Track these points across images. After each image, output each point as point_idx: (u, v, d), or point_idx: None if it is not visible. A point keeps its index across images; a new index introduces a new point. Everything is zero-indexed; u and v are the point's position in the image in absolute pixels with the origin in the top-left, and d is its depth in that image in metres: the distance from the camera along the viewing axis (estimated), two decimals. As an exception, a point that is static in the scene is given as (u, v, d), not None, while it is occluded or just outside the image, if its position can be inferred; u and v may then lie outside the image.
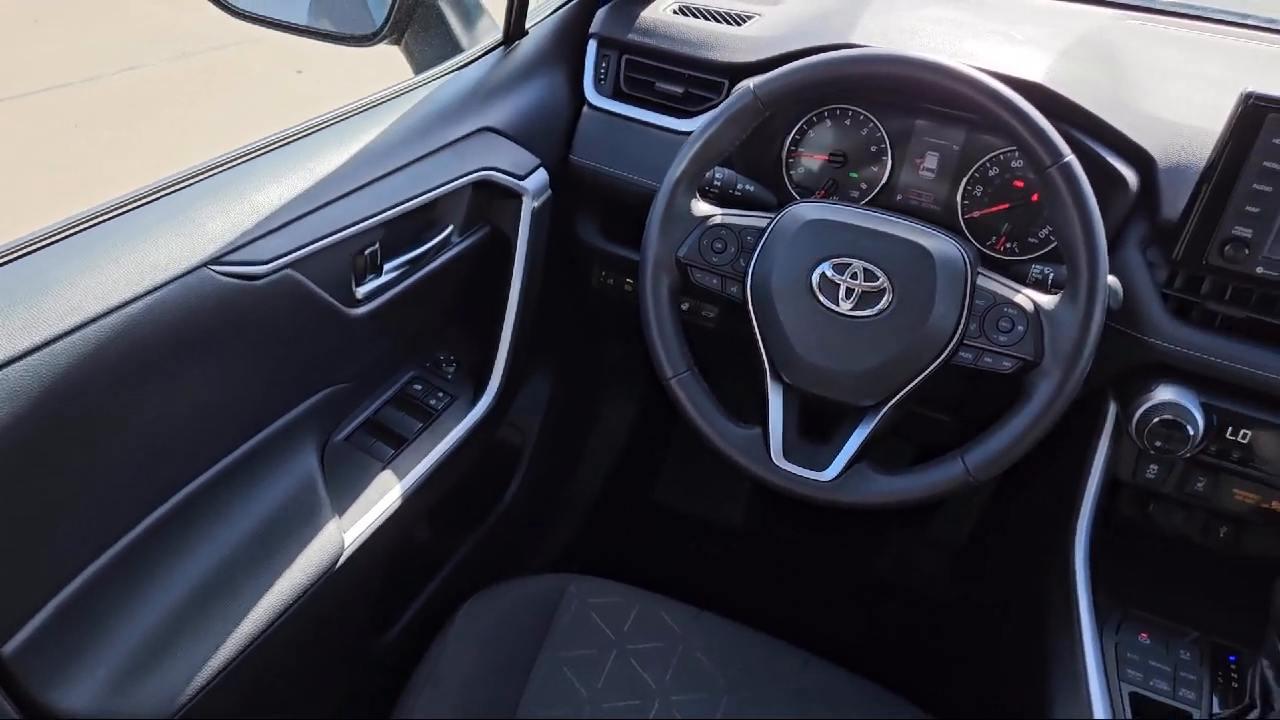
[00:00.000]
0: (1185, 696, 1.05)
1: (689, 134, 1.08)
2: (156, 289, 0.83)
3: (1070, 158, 0.95)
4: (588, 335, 1.70)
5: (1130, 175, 1.09)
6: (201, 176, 0.93)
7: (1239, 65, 1.29)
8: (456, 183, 1.14)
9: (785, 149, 1.27)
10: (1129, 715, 1.03)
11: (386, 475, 1.16)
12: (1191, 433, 1.04)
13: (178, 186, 0.91)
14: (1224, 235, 1.03)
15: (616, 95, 1.34)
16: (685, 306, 1.33)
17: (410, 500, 1.17)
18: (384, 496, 1.14)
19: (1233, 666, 1.08)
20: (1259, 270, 1.03)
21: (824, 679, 1.16)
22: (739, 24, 1.33)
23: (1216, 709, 1.04)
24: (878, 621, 1.82)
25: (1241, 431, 1.07)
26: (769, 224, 1.07)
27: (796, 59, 1.05)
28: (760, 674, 1.15)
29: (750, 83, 1.05)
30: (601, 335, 1.71)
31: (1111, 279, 1.01)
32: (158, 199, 0.89)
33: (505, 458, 1.61)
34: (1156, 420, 1.05)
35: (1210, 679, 1.07)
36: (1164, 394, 1.06)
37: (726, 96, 1.26)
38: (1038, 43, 1.22)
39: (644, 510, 2.00)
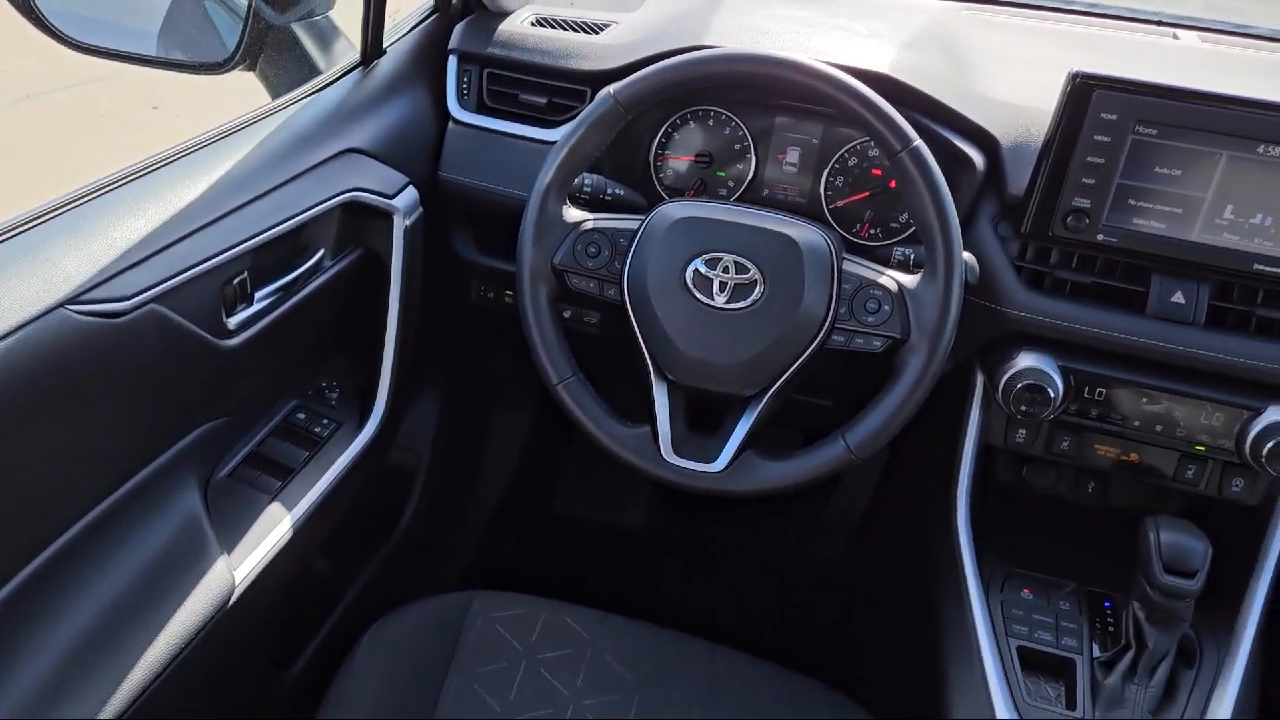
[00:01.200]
0: (1068, 645, 1.11)
1: (555, 143, 1.09)
2: (9, 334, 0.80)
3: (918, 143, 1.00)
4: (473, 350, 1.69)
5: (977, 156, 1.15)
6: (55, 213, 0.90)
7: (1066, 47, 1.38)
8: (323, 206, 1.12)
9: (653, 152, 1.30)
10: (1018, 668, 1.08)
11: (275, 508, 1.14)
12: (1053, 395, 1.10)
13: (28, 225, 0.88)
14: (1065, 207, 1.09)
15: (481, 109, 1.35)
16: (567, 314, 1.35)
17: (302, 531, 1.15)
18: (274, 530, 1.11)
19: (1108, 612, 1.15)
20: (1099, 237, 1.10)
21: (733, 666, 1.18)
22: (597, 32, 1.35)
23: (1097, 653, 1.10)
24: (783, 607, 1.86)
25: (1097, 390, 1.13)
26: (640, 225, 1.09)
27: (654, 63, 1.07)
28: (670, 669, 1.16)
29: (610, 88, 1.07)
30: (486, 349, 1.70)
31: (967, 255, 1.06)
32: (6, 239, 0.85)
33: (399, 480, 1.59)
34: (1020, 386, 1.11)
35: (1089, 625, 1.13)
36: (1025, 361, 1.12)
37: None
38: (881, 36, 1.27)
39: (545, 520, 2.00)
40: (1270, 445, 1.06)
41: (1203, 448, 1.12)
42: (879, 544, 1.74)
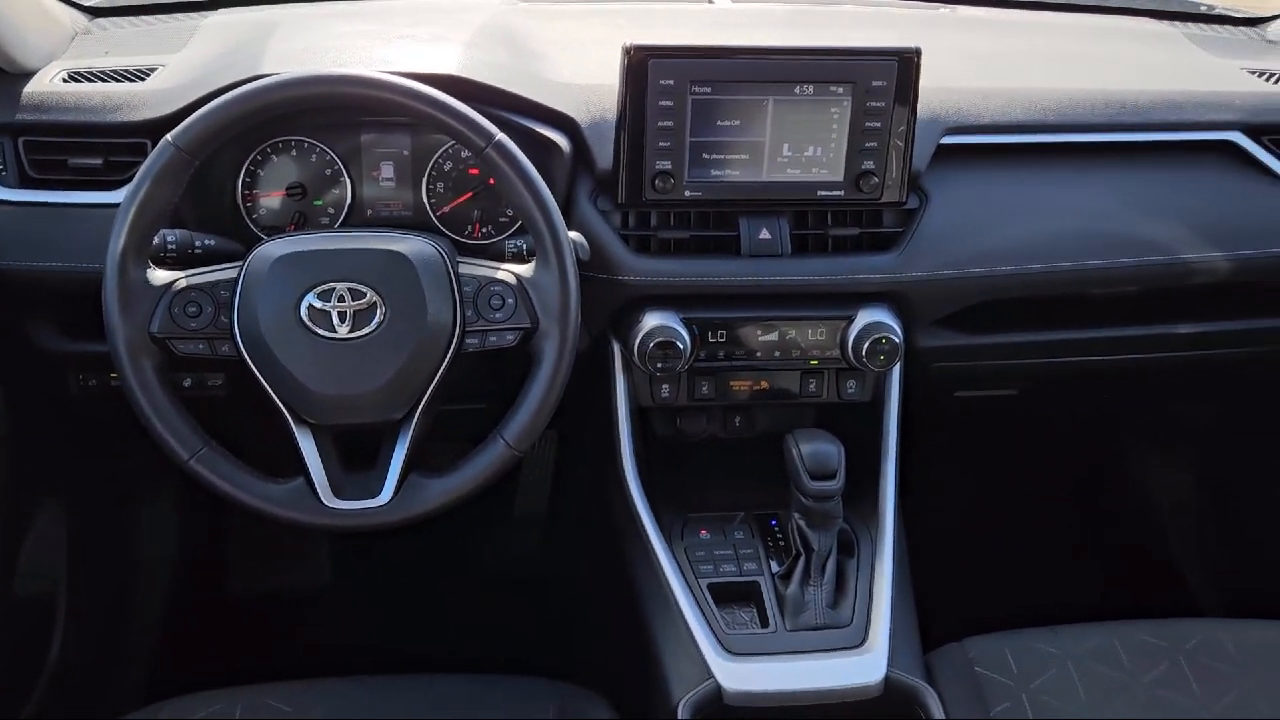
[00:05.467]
0: (750, 569, 1.19)
1: (120, 205, 1.00)
2: None
3: (500, 136, 1.02)
4: (90, 448, 1.52)
5: (560, 139, 1.19)
6: None
7: (619, 25, 1.46)
8: None
9: (239, 193, 1.22)
10: (713, 604, 1.15)
11: None
12: (682, 347, 1.18)
13: None
14: (651, 171, 1.16)
15: (25, 183, 1.19)
16: (188, 383, 1.24)
17: None
18: None
19: (776, 529, 1.25)
20: (687, 194, 1.18)
21: (454, 690, 1.15)
22: (142, 79, 1.24)
23: (776, 569, 1.19)
24: (494, 613, 1.85)
25: (719, 332, 1.22)
26: (240, 272, 1.03)
27: (211, 100, 1.01)
28: (390, 715, 1.12)
29: (169, 136, 0.99)
30: (107, 442, 1.53)
31: (574, 235, 1.10)
32: None
33: (35, 614, 1.40)
34: (652, 345, 1.17)
35: (763, 546, 1.22)
36: (651, 321, 1.19)
37: None
38: (444, 38, 1.28)
39: (224, 602, 1.84)
40: (867, 344, 1.19)
41: (816, 361, 1.25)
42: (569, 528, 1.78)
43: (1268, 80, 1.39)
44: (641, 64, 1.12)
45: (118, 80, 1.24)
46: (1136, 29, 1.61)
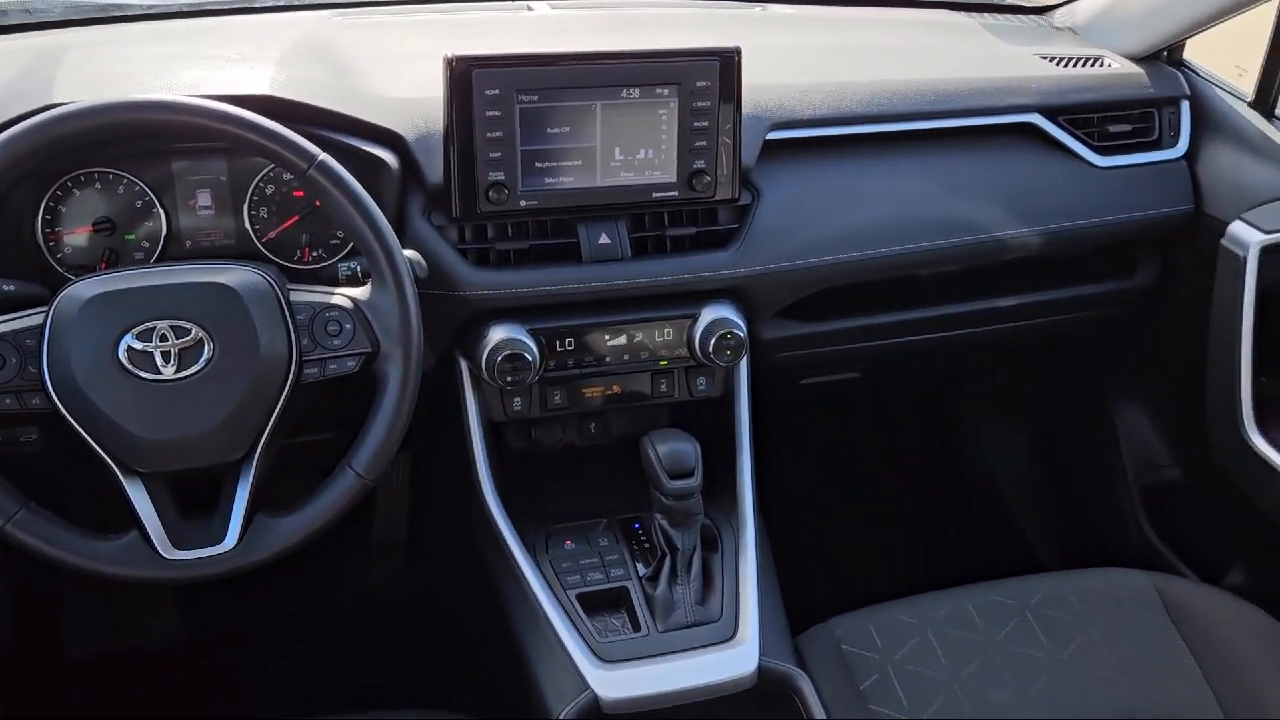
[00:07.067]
0: (617, 575, 1.19)
1: None
2: None
3: (323, 156, 0.98)
4: None
5: (388, 156, 1.15)
6: None
7: (440, 36, 1.43)
8: None
9: (39, 232, 1.14)
10: (583, 614, 1.14)
11: None
12: (531, 359, 1.16)
13: None
14: (484, 183, 1.14)
15: None
16: (-4, 441, 1.15)
17: None
18: None
19: (639, 532, 1.25)
20: (522, 204, 1.17)
21: None
22: None
23: (643, 571, 1.19)
24: (364, 643, 1.78)
25: (567, 341, 1.22)
26: (45, 318, 0.96)
27: None
28: None
29: None
30: None
31: (410, 252, 1.07)
32: None
33: None
34: (500, 359, 1.15)
35: (629, 550, 1.22)
36: (497, 335, 1.17)
37: None
38: (255, 58, 1.23)
39: (61, 673, 1.71)
40: (714, 341, 1.21)
41: (665, 361, 1.26)
42: (430, 551, 1.74)
43: (1059, 64, 1.49)
44: (465, 75, 1.10)
45: None
46: (938, 21, 1.69)
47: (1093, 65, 1.49)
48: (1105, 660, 1.17)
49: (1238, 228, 1.39)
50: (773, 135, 1.27)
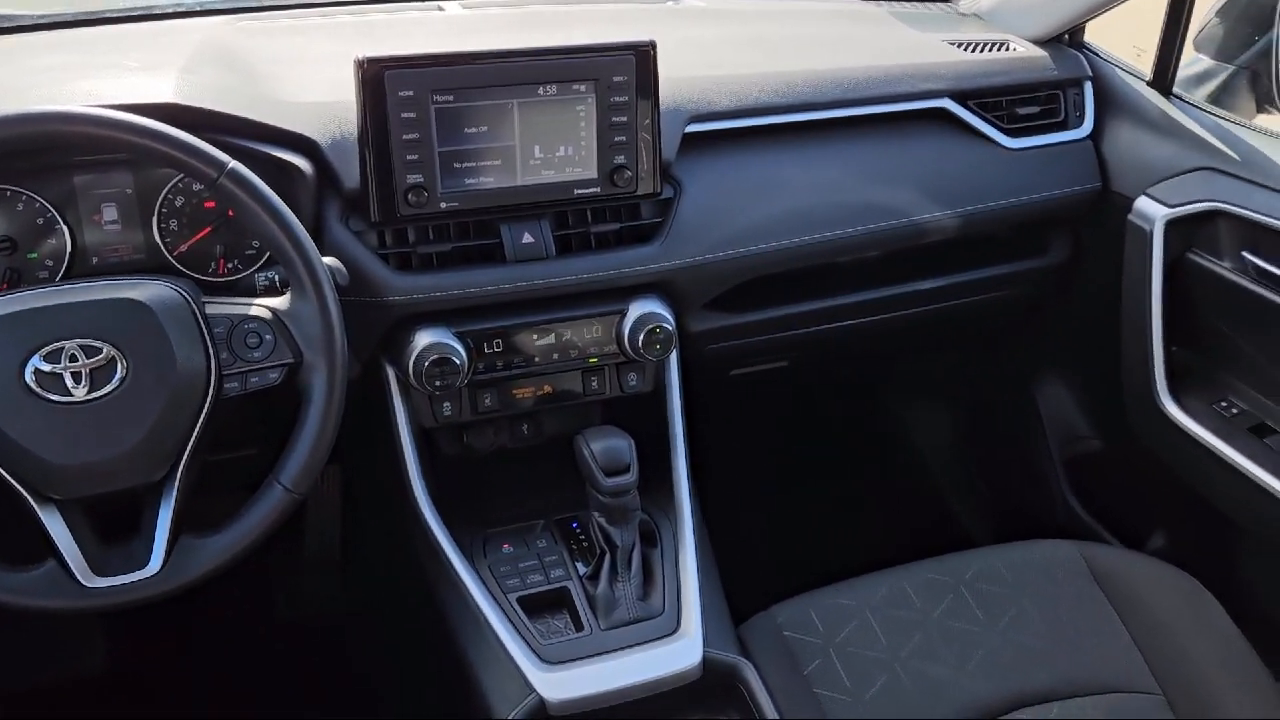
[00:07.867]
0: (557, 576, 1.18)
1: None
2: None
3: (233, 164, 0.96)
4: None
5: (301, 162, 1.13)
6: None
7: (348, 38, 1.40)
8: None
9: None
10: (524, 618, 1.13)
11: None
12: (459, 362, 1.15)
13: None
14: (403, 186, 1.12)
15: None
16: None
17: None
18: None
19: (578, 531, 1.24)
20: (442, 205, 1.15)
21: None
22: None
23: (583, 570, 1.18)
24: (300, 664, 1.74)
25: (495, 342, 1.20)
26: None
27: None
28: None
29: None
30: None
31: (330, 260, 1.04)
32: None
33: None
34: (427, 364, 1.14)
35: (568, 550, 1.21)
36: (423, 339, 1.15)
37: None
38: (157, 65, 1.19)
39: None
40: (642, 336, 1.21)
41: (595, 359, 1.25)
42: (367, 563, 1.71)
43: (967, 49, 1.52)
44: (377, 76, 1.08)
45: None
46: (848, 10, 1.72)
47: (999, 50, 1.53)
48: (1038, 629, 1.20)
49: (1143, 203, 1.44)
50: (692, 128, 1.28)
